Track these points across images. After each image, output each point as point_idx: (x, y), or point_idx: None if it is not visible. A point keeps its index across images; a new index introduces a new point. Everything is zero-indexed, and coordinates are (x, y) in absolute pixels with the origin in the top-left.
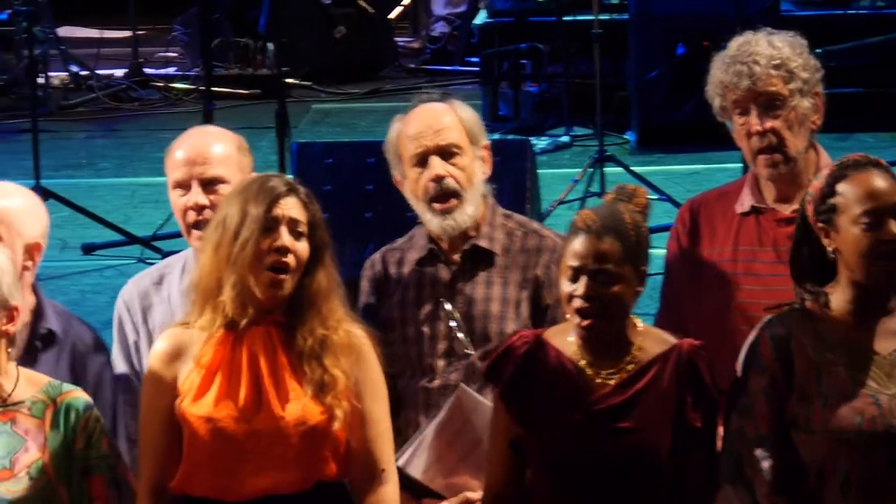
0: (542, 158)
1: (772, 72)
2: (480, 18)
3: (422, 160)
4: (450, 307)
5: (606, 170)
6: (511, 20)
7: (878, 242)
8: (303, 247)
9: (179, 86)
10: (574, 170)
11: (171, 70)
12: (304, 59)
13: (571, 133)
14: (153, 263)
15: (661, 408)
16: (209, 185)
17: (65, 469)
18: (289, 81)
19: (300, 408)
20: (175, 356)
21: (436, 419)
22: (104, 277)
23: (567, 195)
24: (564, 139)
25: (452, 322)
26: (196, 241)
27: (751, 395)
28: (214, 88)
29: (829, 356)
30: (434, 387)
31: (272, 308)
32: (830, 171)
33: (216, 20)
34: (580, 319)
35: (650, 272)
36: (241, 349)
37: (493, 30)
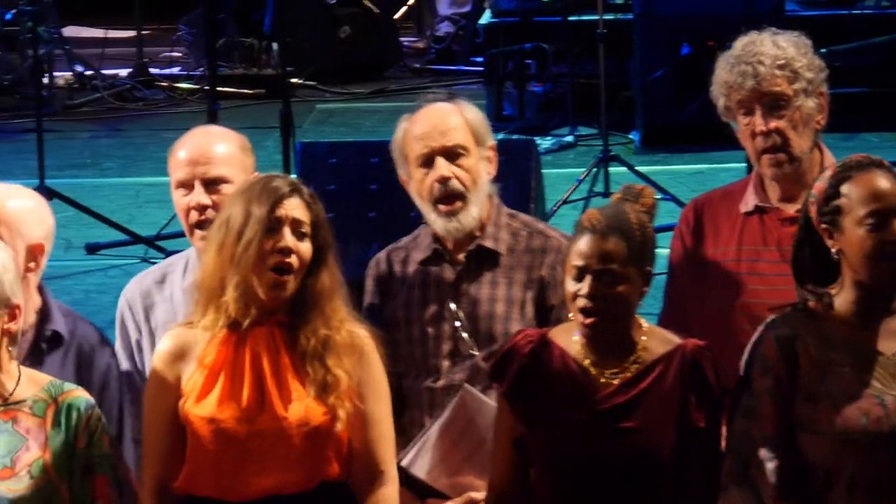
0: (547, 158)
1: (776, 72)
2: (485, 18)
3: (427, 161)
4: (454, 307)
5: (611, 169)
6: (516, 20)
7: (883, 243)
8: (306, 247)
9: (184, 86)
10: (578, 169)
11: (176, 70)
12: (309, 59)
13: (576, 133)
14: (157, 263)
15: (665, 408)
16: (212, 185)
17: (66, 468)
18: (293, 81)
19: (303, 408)
20: (179, 356)
21: (440, 419)
22: (108, 277)
23: (571, 195)
24: (569, 139)
25: (457, 322)
26: (199, 241)
27: (755, 396)
28: (219, 88)
29: (834, 357)
30: (438, 387)
31: (275, 308)
32: (833, 173)
33: (221, 20)
34: (584, 318)
35: (655, 272)
36: (244, 349)
37: (498, 30)
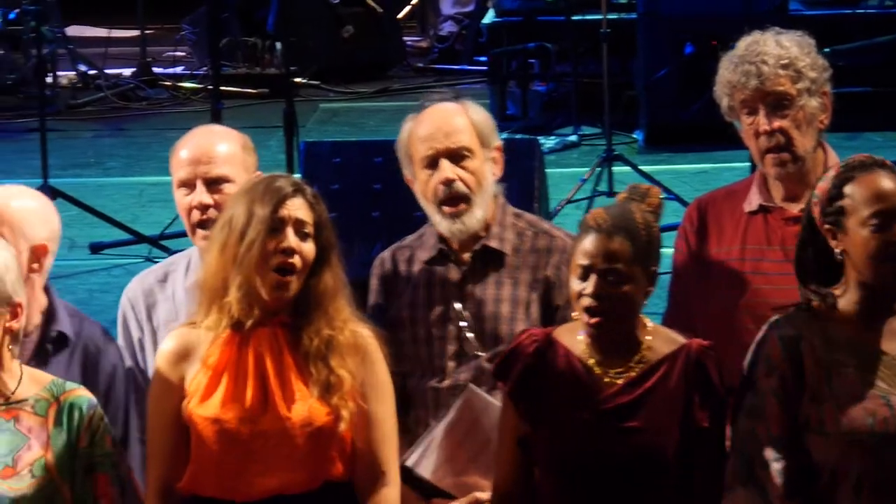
0: (551, 158)
1: (780, 71)
2: (489, 18)
3: (432, 162)
4: (459, 307)
5: (614, 169)
6: (519, 19)
7: (887, 244)
8: (309, 248)
9: (188, 85)
10: (582, 169)
11: (180, 69)
12: (313, 59)
13: (579, 132)
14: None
15: (669, 407)
16: (214, 185)
17: (68, 467)
18: (297, 81)
19: (306, 408)
20: (182, 356)
21: (445, 419)
22: (112, 276)
23: (575, 194)
24: (572, 138)
25: (462, 323)
26: (201, 241)
27: (761, 397)
28: (222, 88)
29: (839, 357)
30: (444, 387)
31: (278, 309)
32: (836, 173)
33: (224, 19)
34: (589, 318)
35: (659, 271)
36: (248, 350)
37: (502, 29)
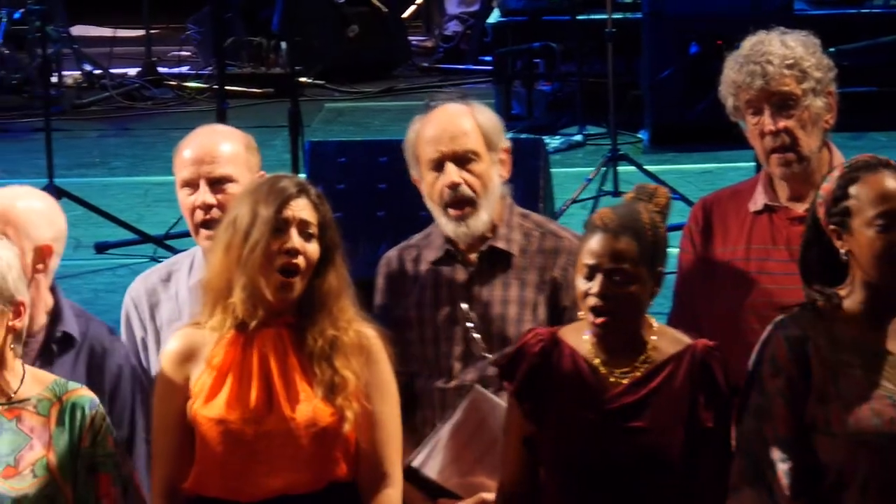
0: (556, 157)
1: (785, 71)
2: (494, 17)
3: (438, 165)
4: (466, 307)
5: (620, 169)
6: (524, 19)
7: (892, 244)
8: (313, 248)
9: (193, 85)
10: (587, 169)
11: (185, 69)
12: (318, 58)
13: (584, 132)
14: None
15: (674, 408)
16: (217, 185)
17: (70, 467)
18: (302, 80)
19: (310, 409)
20: (187, 357)
21: (451, 420)
22: (117, 276)
23: (580, 194)
24: (577, 138)
25: (469, 324)
26: (204, 241)
27: (767, 397)
28: (228, 87)
29: (844, 357)
30: (450, 388)
31: (282, 309)
32: (841, 173)
33: (229, 19)
34: (594, 318)
35: (665, 271)
36: (252, 350)
37: (507, 29)
